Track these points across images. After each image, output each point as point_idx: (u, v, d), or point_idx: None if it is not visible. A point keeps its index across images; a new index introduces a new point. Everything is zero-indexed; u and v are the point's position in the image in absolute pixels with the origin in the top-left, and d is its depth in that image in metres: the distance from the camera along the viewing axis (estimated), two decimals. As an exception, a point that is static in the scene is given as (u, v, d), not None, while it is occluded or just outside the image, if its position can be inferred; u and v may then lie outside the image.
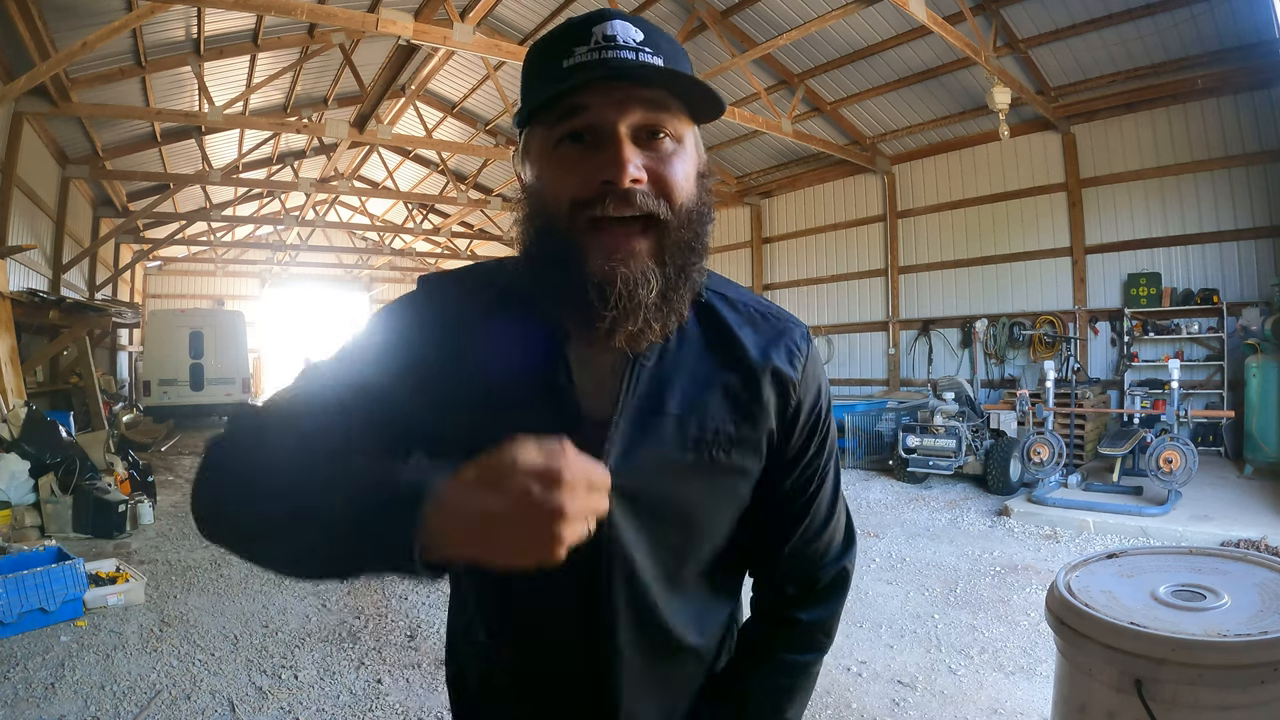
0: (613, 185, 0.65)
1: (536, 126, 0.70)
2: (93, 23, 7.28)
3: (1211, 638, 1.28)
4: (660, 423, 0.72)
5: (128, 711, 2.91)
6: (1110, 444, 6.39)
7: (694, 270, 0.70)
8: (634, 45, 0.66)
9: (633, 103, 0.66)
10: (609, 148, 0.65)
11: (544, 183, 0.69)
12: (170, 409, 12.83)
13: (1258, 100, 7.49)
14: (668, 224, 0.67)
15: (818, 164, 11.73)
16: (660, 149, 0.68)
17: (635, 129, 0.67)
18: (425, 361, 0.75)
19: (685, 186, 0.69)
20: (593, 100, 0.66)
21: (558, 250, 0.68)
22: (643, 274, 0.66)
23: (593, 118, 0.66)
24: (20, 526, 5.29)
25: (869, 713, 2.89)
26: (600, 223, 0.66)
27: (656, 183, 0.67)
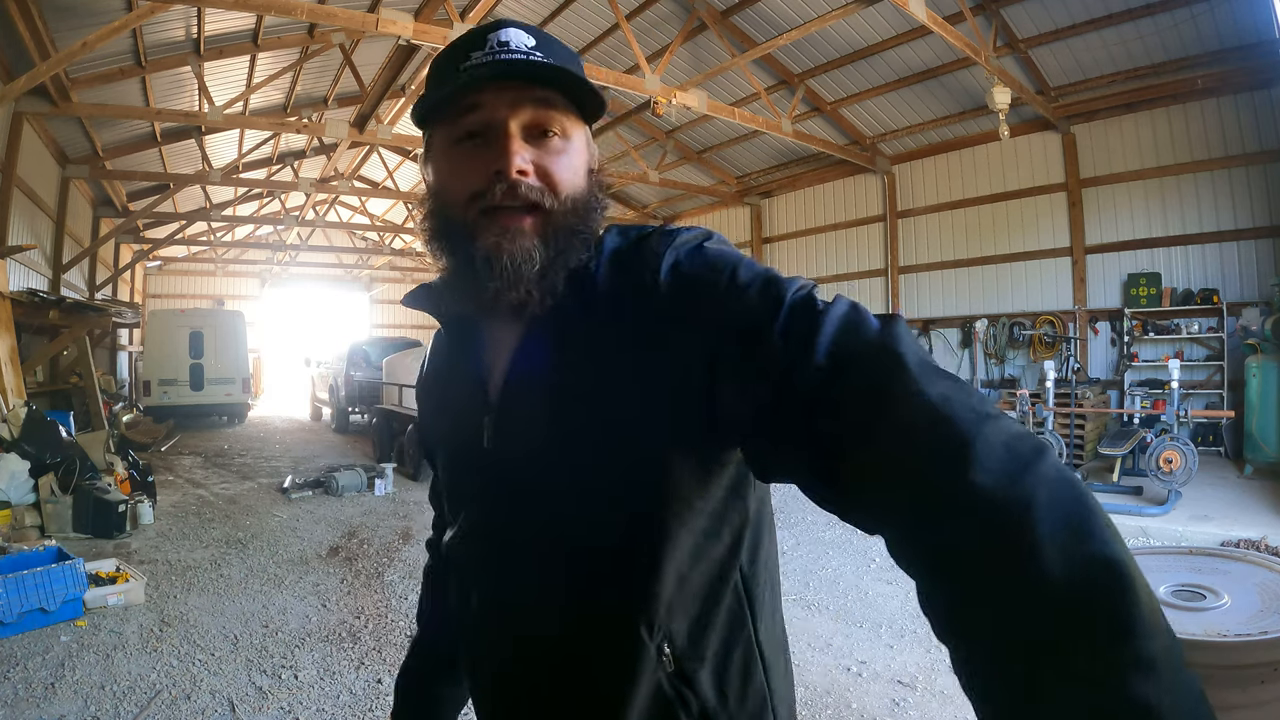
0: (501, 175, 0.69)
1: (438, 128, 0.75)
2: (93, 23, 7.29)
3: (1211, 637, 1.28)
4: (540, 373, 0.72)
5: (128, 711, 2.91)
6: (1110, 444, 6.39)
7: (573, 252, 0.72)
8: (525, 50, 0.71)
9: (523, 102, 0.70)
10: (499, 142, 0.70)
11: (444, 179, 0.74)
12: (170, 409, 12.83)
13: (1258, 100, 7.49)
14: (552, 211, 0.71)
15: (818, 164, 11.73)
16: (549, 145, 0.72)
17: (526, 127, 0.71)
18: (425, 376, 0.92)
19: (571, 180, 0.72)
20: (486, 99, 0.70)
21: (457, 236, 0.72)
22: (525, 250, 0.69)
23: (486, 115, 0.71)
24: (20, 526, 5.29)
25: (869, 713, 2.89)
26: (491, 209, 0.70)
27: (543, 176, 0.71)
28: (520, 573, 0.74)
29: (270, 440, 11.78)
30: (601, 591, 0.69)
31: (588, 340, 0.70)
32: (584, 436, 0.68)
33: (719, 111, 8.68)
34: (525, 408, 0.72)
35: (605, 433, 0.67)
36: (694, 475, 0.68)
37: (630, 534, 0.68)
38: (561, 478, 0.70)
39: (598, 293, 0.72)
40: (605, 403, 0.67)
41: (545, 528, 0.71)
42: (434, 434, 0.88)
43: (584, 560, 0.70)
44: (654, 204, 15.16)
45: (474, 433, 0.75)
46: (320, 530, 5.83)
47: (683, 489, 0.67)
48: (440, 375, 0.87)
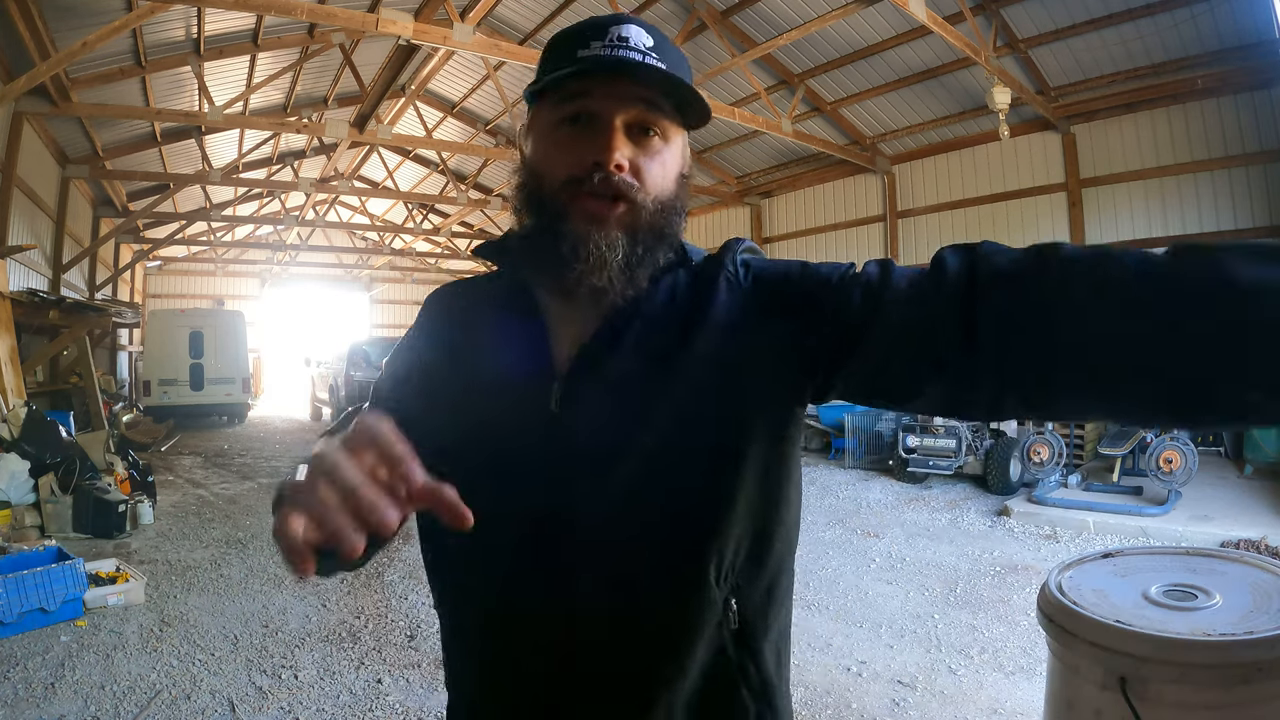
0: (600, 166, 0.72)
1: (543, 106, 0.78)
2: (93, 23, 7.29)
3: (1196, 637, 1.29)
4: (622, 353, 0.76)
5: (128, 711, 2.92)
6: (1110, 444, 6.39)
7: (659, 252, 0.77)
8: (643, 49, 0.74)
9: (631, 99, 0.73)
10: (603, 134, 0.73)
11: (543, 156, 0.77)
12: (170, 409, 12.83)
13: (1258, 100, 7.49)
14: (642, 206, 0.74)
15: (818, 164, 11.73)
16: (649, 145, 0.75)
17: (629, 123, 0.74)
18: (425, 362, 0.85)
19: (663, 181, 0.76)
20: (596, 89, 0.73)
21: (547, 213, 0.75)
22: (611, 240, 0.73)
23: (593, 105, 0.73)
24: (20, 526, 5.29)
25: (869, 713, 2.90)
26: (584, 195, 0.73)
27: (637, 173, 0.74)
28: (593, 517, 0.74)
29: (270, 440, 11.78)
30: (676, 532, 0.73)
31: (679, 328, 0.76)
32: (678, 405, 0.73)
33: (719, 111, 8.67)
34: (607, 380, 0.75)
35: (701, 401, 0.73)
36: (774, 442, 0.76)
37: (714, 481, 0.74)
38: (650, 439, 0.73)
39: (680, 290, 0.79)
40: (703, 376, 0.74)
41: (628, 477, 0.73)
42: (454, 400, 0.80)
43: (661, 501, 0.73)
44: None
45: (535, 399, 0.76)
46: (320, 530, 5.82)
47: (762, 450, 0.75)
48: (468, 343, 0.82)
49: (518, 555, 0.75)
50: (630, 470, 0.73)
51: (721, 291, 0.77)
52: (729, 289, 0.78)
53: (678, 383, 0.74)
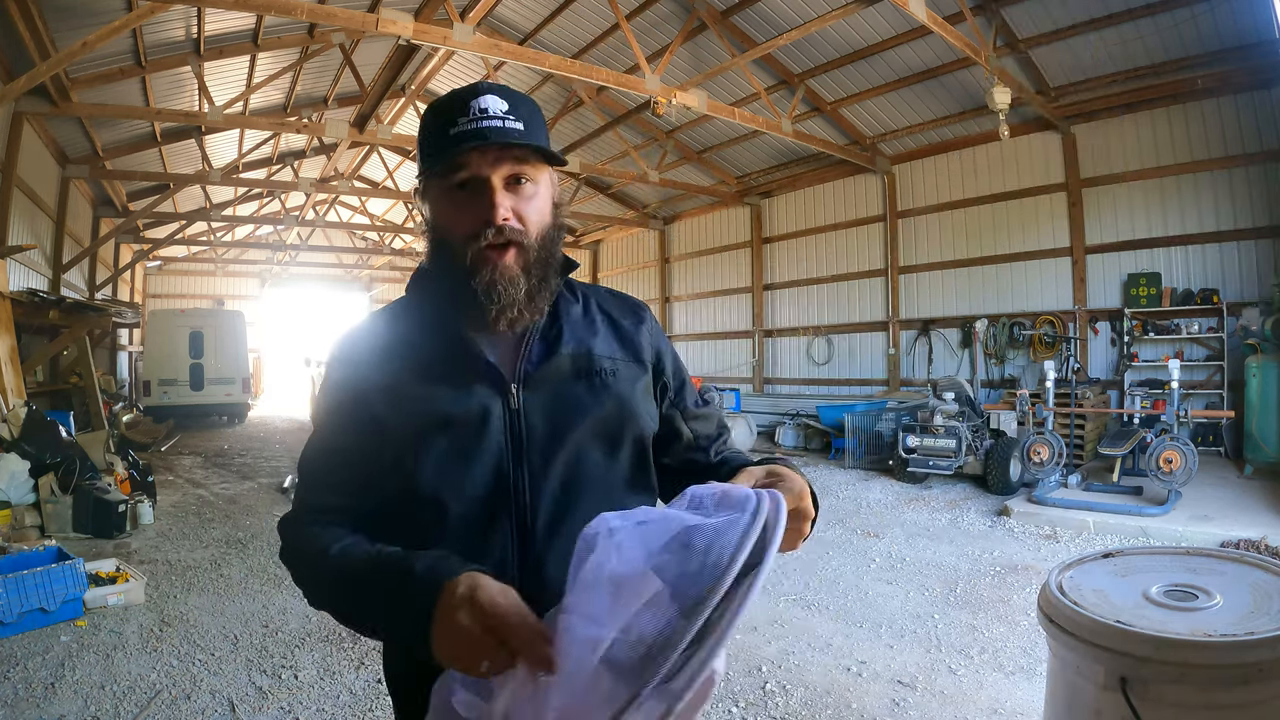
0: (490, 223, 0.92)
1: (433, 177, 0.96)
2: (93, 23, 7.29)
3: (1196, 637, 1.28)
4: (557, 360, 0.99)
5: (128, 711, 2.92)
6: (1110, 444, 6.39)
7: (551, 277, 0.98)
8: (500, 115, 0.92)
9: (501, 160, 0.92)
10: (485, 195, 0.92)
11: (444, 221, 0.97)
12: (170, 409, 12.83)
13: (1258, 100, 7.49)
14: (529, 247, 0.95)
15: (818, 164, 11.73)
16: (522, 192, 0.95)
17: (504, 178, 0.93)
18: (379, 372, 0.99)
19: (540, 217, 0.97)
20: (471, 160, 0.92)
21: (458, 267, 0.94)
22: (511, 281, 0.93)
23: (473, 172, 0.92)
24: (20, 526, 5.30)
25: (869, 713, 2.90)
26: (484, 249, 0.92)
27: (521, 218, 0.94)
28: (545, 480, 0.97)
29: (270, 440, 11.78)
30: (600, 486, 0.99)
31: (601, 334, 1.04)
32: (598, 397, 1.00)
33: (719, 111, 8.67)
34: (548, 382, 0.98)
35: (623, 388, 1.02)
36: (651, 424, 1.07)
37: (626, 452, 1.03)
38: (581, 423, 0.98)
39: (594, 311, 1.07)
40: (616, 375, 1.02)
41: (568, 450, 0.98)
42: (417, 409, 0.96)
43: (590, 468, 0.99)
44: (654, 204, 15.16)
45: (494, 401, 0.96)
46: (320, 530, 5.82)
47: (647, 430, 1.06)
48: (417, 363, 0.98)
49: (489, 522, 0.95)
50: (573, 447, 0.97)
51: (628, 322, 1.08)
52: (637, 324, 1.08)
53: (599, 380, 1.00)
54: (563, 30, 10.08)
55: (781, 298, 12.99)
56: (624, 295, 1.14)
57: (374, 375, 0.98)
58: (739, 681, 3.16)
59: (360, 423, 0.97)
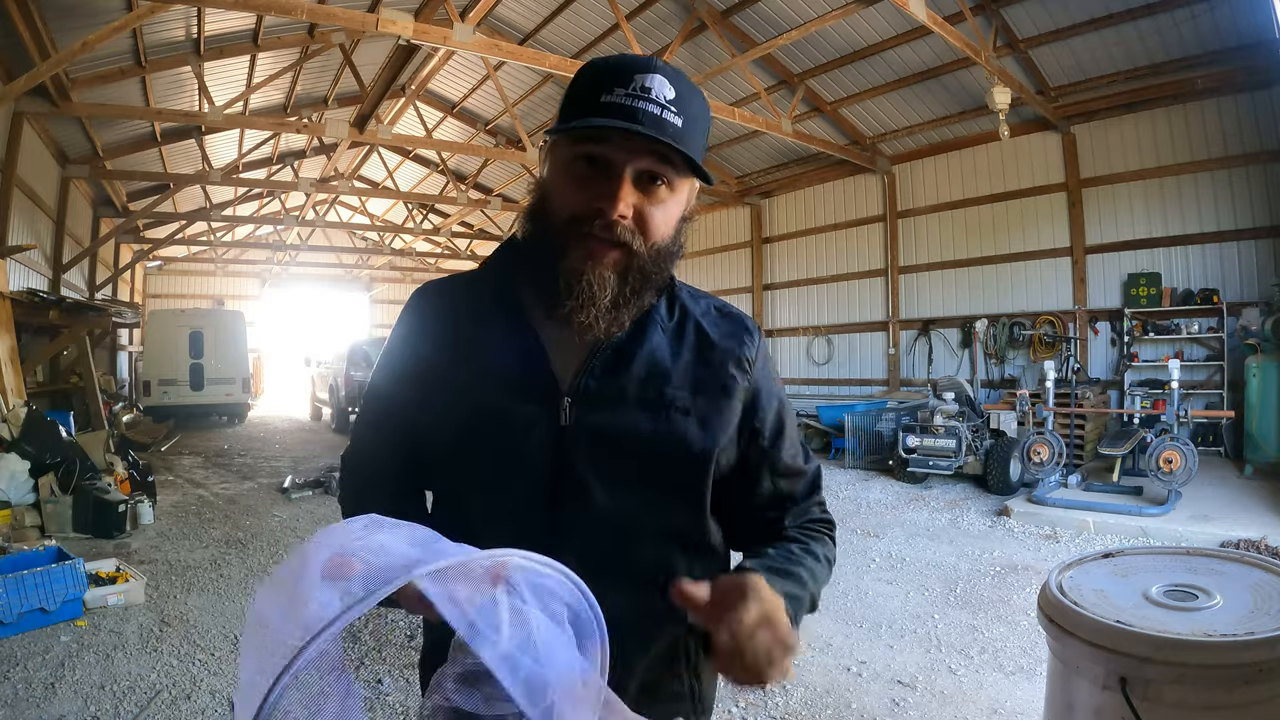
0: (604, 213, 0.79)
1: (564, 137, 0.83)
2: (93, 23, 7.29)
3: (1197, 637, 1.28)
4: (623, 380, 0.87)
5: (128, 711, 2.92)
6: (1110, 444, 6.39)
7: (647, 294, 0.86)
8: (663, 102, 0.79)
9: (643, 152, 0.79)
10: (612, 182, 0.79)
11: (556, 189, 0.84)
12: (170, 409, 12.83)
13: (1258, 100, 7.49)
14: (638, 254, 0.82)
15: (818, 164, 11.73)
16: (655, 194, 0.82)
17: (639, 172, 0.80)
18: (426, 358, 0.91)
19: (664, 229, 0.83)
20: (612, 138, 0.78)
21: (547, 245, 0.82)
22: (603, 281, 0.81)
23: (607, 151, 0.79)
24: (20, 526, 5.29)
25: (869, 713, 2.89)
26: (585, 236, 0.80)
27: (640, 221, 0.81)
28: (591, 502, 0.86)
29: (270, 440, 11.78)
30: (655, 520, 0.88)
31: (686, 359, 0.90)
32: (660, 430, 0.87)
33: (719, 111, 8.67)
34: (607, 402, 0.86)
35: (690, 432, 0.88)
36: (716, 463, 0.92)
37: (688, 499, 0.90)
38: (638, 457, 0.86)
39: (688, 333, 0.92)
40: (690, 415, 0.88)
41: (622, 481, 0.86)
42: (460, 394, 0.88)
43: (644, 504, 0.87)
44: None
45: (541, 411, 0.85)
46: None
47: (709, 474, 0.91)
48: (470, 344, 0.89)
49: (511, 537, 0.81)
50: (618, 482, 0.86)
51: (730, 359, 0.92)
52: (738, 363, 0.93)
53: (664, 417, 0.87)
54: (563, 30, 10.08)
55: (781, 298, 12.99)
56: (737, 315, 0.97)
57: (432, 340, 0.91)
58: (739, 681, 3.16)
59: (411, 381, 0.91)
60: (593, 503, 0.85)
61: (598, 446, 0.85)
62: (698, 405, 0.89)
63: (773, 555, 0.89)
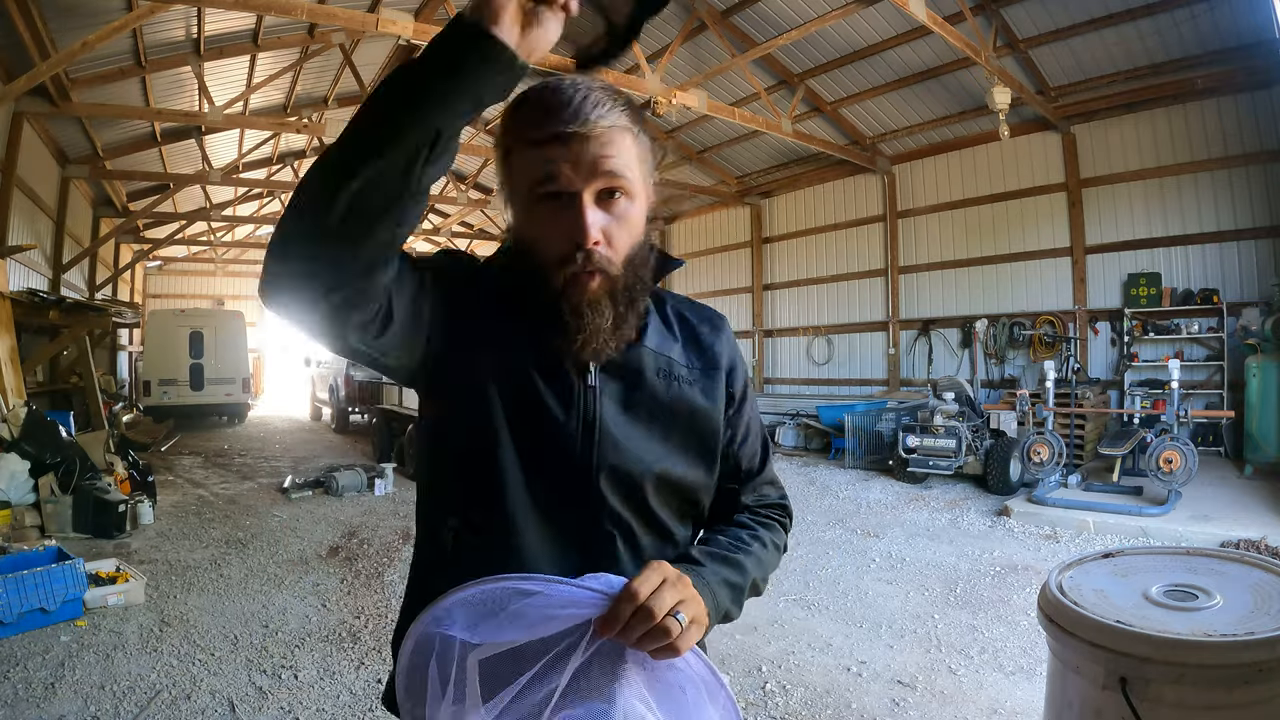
0: (580, 246, 0.83)
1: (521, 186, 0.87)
2: (93, 23, 7.29)
3: (1197, 637, 1.28)
4: (640, 351, 0.95)
5: (128, 711, 2.92)
6: (1110, 444, 6.39)
7: (638, 303, 0.92)
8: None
9: (592, 175, 0.83)
10: (575, 212, 0.83)
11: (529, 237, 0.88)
12: (170, 409, 12.83)
13: (1258, 100, 7.49)
14: (618, 275, 0.87)
15: (818, 164, 11.73)
16: (615, 206, 0.86)
17: (596, 192, 0.84)
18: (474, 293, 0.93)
19: (630, 239, 0.88)
20: (562, 172, 0.83)
21: (543, 288, 0.87)
22: (600, 308, 0.86)
23: (562, 186, 0.83)
24: (20, 526, 5.29)
25: (869, 713, 2.89)
26: (574, 275, 0.85)
27: (609, 242, 0.86)
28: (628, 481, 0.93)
29: (270, 440, 11.78)
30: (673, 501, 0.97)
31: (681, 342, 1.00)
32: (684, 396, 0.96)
33: (719, 111, 8.68)
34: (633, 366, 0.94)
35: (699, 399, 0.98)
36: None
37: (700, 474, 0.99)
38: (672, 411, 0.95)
39: (674, 326, 1.01)
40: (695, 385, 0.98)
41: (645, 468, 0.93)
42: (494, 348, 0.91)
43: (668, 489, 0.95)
44: (654, 204, 15.13)
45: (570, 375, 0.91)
46: (320, 530, 5.83)
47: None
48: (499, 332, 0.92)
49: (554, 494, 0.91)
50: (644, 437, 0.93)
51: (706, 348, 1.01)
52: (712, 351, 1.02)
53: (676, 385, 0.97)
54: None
55: (781, 298, 12.99)
56: (701, 305, 1.09)
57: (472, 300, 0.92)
58: (739, 681, 3.16)
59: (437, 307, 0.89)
60: (625, 454, 0.91)
61: (624, 406, 0.93)
62: (700, 377, 0.99)
63: (721, 542, 0.96)
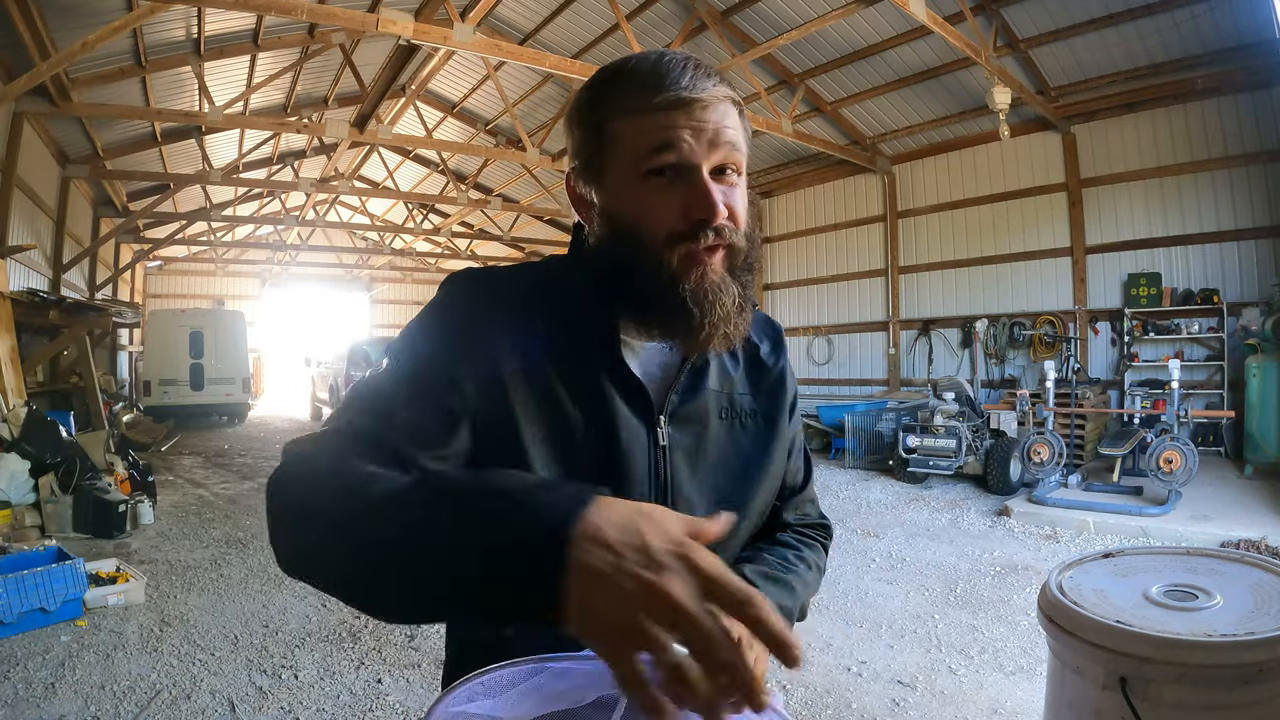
0: (707, 221, 0.73)
1: (622, 160, 0.76)
2: (93, 23, 7.29)
3: (1197, 637, 1.28)
4: (704, 395, 0.86)
5: (128, 711, 2.92)
6: (1110, 444, 6.39)
7: (752, 286, 0.81)
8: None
9: (712, 147, 0.74)
10: (698, 186, 0.73)
11: (633, 214, 0.76)
12: (170, 409, 12.83)
13: (1258, 100, 7.49)
14: (739, 248, 0.77)
15: (818, 164, 11.73)
16: (729, 181, 0.77)
17: (713, 167, 0.75)
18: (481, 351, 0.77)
19: (746, 214, 0.79)
20: (681, 145, 0.73)
21: (655, 274, 0.75)
22: (725, 288, 0.76)
23: (680, 158, 0.73)
24: (20, 526, 5.29)
25: (869, 713, 2.89)
26: (693, 251, 0.75)
27: (731, 213, 0.76)
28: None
29: (271, 440, 11.78)
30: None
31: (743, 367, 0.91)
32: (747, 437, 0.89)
33: (719, 111, 8.65)
34: (700, 414, 0.85)
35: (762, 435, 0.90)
36: None
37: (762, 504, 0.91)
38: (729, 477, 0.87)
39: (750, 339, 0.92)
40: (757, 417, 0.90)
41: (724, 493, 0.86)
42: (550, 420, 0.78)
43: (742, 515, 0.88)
44: None
45: (641, 433, 0.81)
46: (320, 530, 5.82)
47: None
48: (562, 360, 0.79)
49: None
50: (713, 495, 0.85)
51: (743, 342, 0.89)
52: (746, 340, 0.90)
53: (739, 425, 0.89)
54: (563, 30, 10.08)
55: (781, 298, 12.99)
56: (761, 314, 0.94)
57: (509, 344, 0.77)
58: (739, 681, 3.15)
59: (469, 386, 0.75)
60: None
61: (693, 464, 0.84)
62: (762, 406, 0.91)
63: (770, 561, 0.88)
